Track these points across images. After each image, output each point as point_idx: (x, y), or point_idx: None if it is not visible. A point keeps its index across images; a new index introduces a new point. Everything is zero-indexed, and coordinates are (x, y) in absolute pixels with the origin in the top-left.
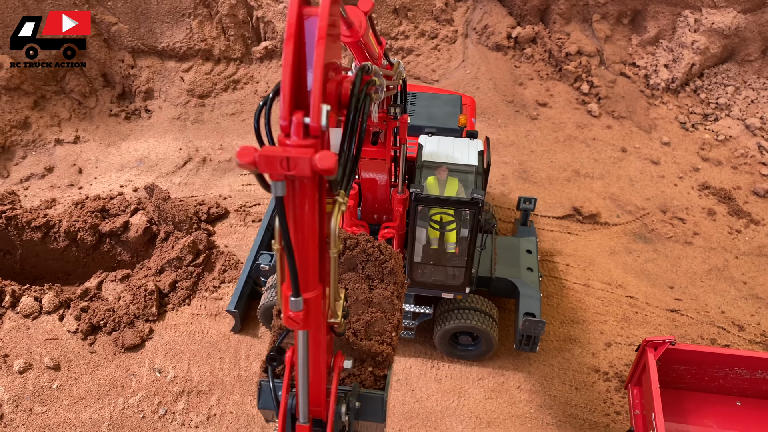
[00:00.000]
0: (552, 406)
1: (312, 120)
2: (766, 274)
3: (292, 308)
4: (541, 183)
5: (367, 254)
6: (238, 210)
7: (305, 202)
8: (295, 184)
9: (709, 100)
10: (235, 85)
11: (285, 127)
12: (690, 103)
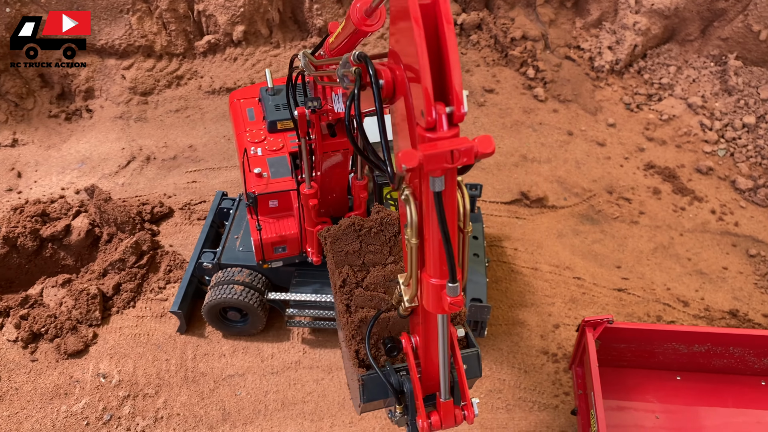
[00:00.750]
0: (501, 390)
1: (457, 107)
2: (709, 249)
3: (451, 294)
4: (489, 169)
5: None
6: (182, 208)
7: (454, 190)
8: (447, 175)
9: (653, 80)
10: (178, 81)
11: (432, 121)
12: (634, 84)
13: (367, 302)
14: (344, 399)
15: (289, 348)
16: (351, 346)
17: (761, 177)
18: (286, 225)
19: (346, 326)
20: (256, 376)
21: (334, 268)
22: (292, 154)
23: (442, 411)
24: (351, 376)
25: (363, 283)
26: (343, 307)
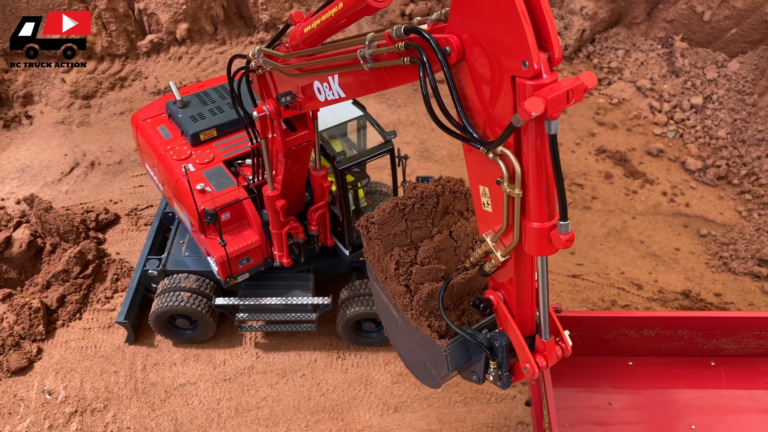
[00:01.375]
0: (459, 383)
1: (554, 51)
2: (661, 231)
3: (564, 231)
4: (442, 160)
5: (456, 194)
6: (129, 214)
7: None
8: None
9: (602, 64)
10: (122, 83)
11: (538, 69)
12: (584, 68)
13: (426, 277)
14: (299, 402)
15: (241, 353)
16: (421, 323)
17: (710, 157)
18: (246, 235)
19: (410, 306)
20: (208, 383)
21: (382, 253)
22: (227, 162)
23: (546, 349)
24: (424, 353)
25: (417, 259)
26: (403, 289)
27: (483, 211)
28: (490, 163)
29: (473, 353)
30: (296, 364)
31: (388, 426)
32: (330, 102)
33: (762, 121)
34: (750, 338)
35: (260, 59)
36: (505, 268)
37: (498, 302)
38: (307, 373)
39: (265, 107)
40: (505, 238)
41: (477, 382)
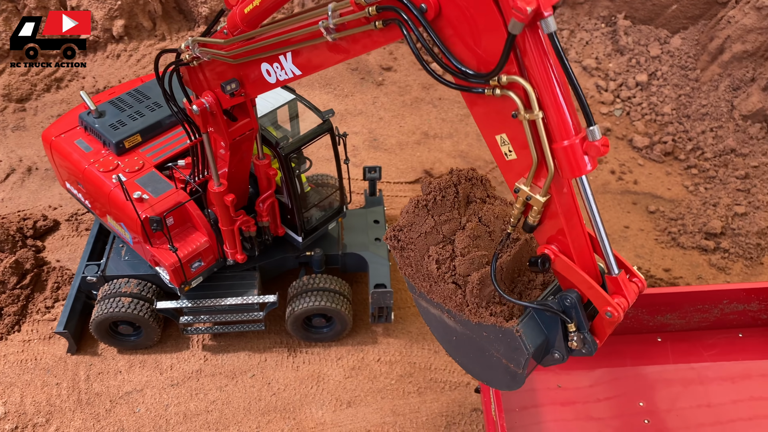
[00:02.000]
0: (412, 373)
1: None
2: (611, 209)
3: (596, 136)
4: (392, 149)
5: (472, 181)
6: (69, 220)
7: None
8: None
9: None
10: (58, 84)
11: None
12: None
13: (471, 267)
14: (249, 404)
15: (189, 357)
16: (482, 314)
17: (656, 134)
18: (193, 238)
19: (465, 303)
20: (155, 390)
21: (419, 258)
22: (159, 166)
23: (621, 286)
24: (496, 347)
25: (455, 252)
26: (451, 287)
27: (507, 161)
28: (499, 103)
29: (547, 329)
30: (246, 364)
31: (342, 421)
32: (282, 82)
33: (705, 96)
34: (694, 312)
35: (196, 50)
36: (549, 214)
37: (555, 252)
38: (258, 373)
39: (203, 100)
40: (538, 177)
41: (560, 360)
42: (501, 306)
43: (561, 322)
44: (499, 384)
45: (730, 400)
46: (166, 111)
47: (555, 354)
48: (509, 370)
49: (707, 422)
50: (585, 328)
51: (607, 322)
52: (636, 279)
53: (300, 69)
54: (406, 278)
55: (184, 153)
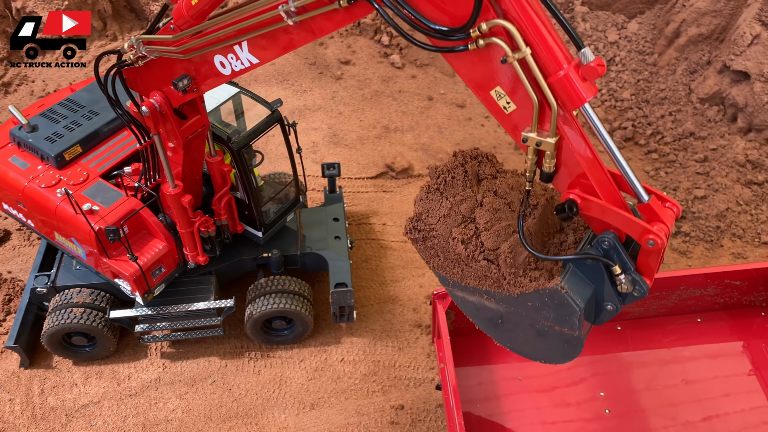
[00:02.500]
0: (377, 372)
1: None
2: None
3: (589, 57)
4: (352, 144)
5: (478, 159)
6: (21, 229)
7: None
8: None
9: None
10: (6, 89)
11: None
12: None
13: (498, 239)
14: (210, 411)
15: (147, 365)
16: (522, 283)
17: (616, 119)
18: (151, 245)
19: (502, 276)
20: (113, 401)
21: (444, 243)
22: (104, 175)
23: (655, 212)
24: (545, 314)
25: (480, 229)
26: (484, 264)
27: (508, 115)
28: (485, 54)
29: (592, 281)
30: (206, 371)
31: (305, 425)
32: (238, 73)
33: (663, 80)
34: (652, 299)
35: (142, 49)
36: (563, 156)
37: (580, 195)
38: (218, 379)
39: (152, 100)
40: (543, 120)
41: (615, 311)
42: (539, 271)
43: (605, 268)
44: (558, 356)
45: (689, 384)
46: (104, 119)
47: (608, 306)
48: (564, 337)
49: (667, 406)
50: (631, 267)
51: (652, 252)
52: (669, 204)
53: (257, 57)
54: (436, 271)
55: (129, 159)
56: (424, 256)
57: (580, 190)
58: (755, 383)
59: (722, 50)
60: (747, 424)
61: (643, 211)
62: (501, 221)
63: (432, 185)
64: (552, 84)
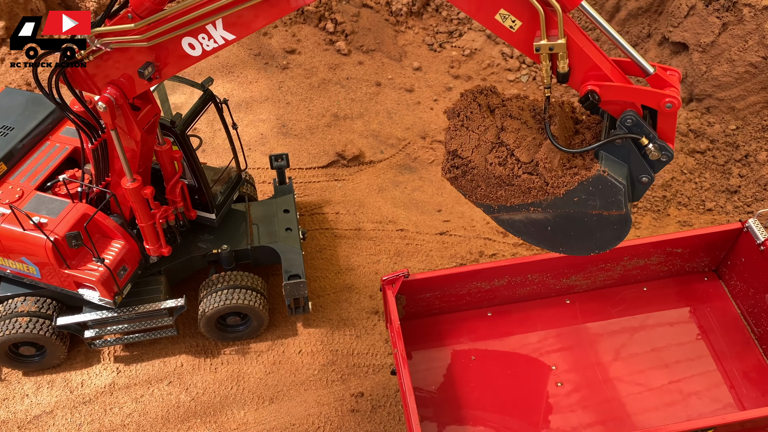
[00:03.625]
0: (335, 361)
1: None
2: None
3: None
4: (302, 134)
5: (484, 93)
6: None
7: None
8: None
9: (451, 16)
10: None
11: None
12: (434, 23)
13: (530, 150)
14: (168, 412)
15: (100, 370)
16: (565, 181)
17: (563, 96)
18: (111, 245)
19: (544, 182)
20: (66, 410)
21: (483, 170)
22: (41, 187)
23: (666, 78)
24: (591, 202)
25: (511, 148)
26: (526, 177)
27: (516, 33)
28: None
29: (624, 160)
30: (161, 372)
31: (265, 419)
32: (210, 53)
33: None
34: (597, 272)
35: (96, 43)
36: (573, 54)
37: (596, 84)
38: (174, 379)
39: (107, 95)
40: (549, 27)
41: (650, 181)
42: (575, 168)
43: (633, 143)
44: (612, 238)
45: (640, 352)
46: (22, 131)
47: (643, 178)
48: (612, 220)
49: (620, 377)
50: (656, 136)
51: (670, 115)
52: (670, 71)
53: (234, 33)
54: (479, 202)
55: (61, 168)
56: (465, 191)
57: (595, 81)
58: (704, 348)
59: (661, 23)
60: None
61: (653, 82)
62: (526, 137)
63: (456, 123)
64: None
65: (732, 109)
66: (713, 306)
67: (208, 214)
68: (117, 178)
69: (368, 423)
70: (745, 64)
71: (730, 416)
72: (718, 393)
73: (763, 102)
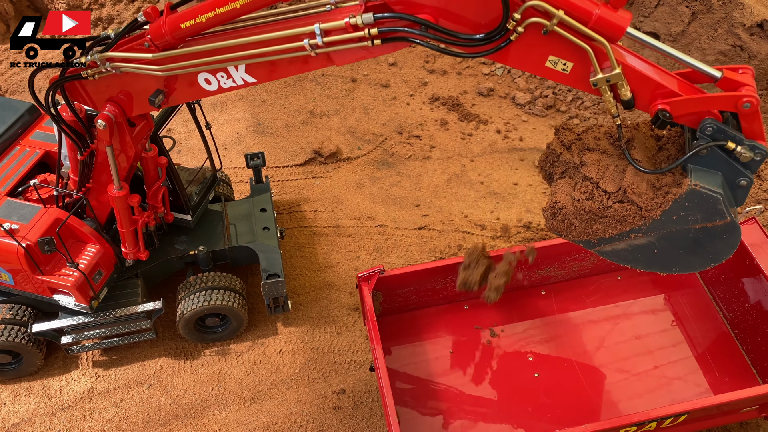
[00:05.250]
0: (316, 359)
1: None
2: (499, 169)
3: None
4: (278, 133)
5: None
6: None
7: None
8: None
9: None
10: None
11: None
12: None
13: (615, 179)
14: (148, 416)
15: (79, 376)
16: (660, 200)
17: (537, 88)
18: (86, 250)
19: (637, 206)
20: (44, 417)
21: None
22: (11, 193)
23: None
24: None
25: (595, 180)
26: (618, 206)
27: (570, 74)
28: (527, 36)
29: (716, 168)
30: (141, 375)
31: (247, 419)
32: (225, 90)
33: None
34: (571, 262)
35: (107, 66)
36: (632, 80)
37: (665, 101)
38: (154, 382)
39: (107, 113)
40: (601, 61)
41: (749, 182)
42: (666, 186)
43: (721, 150)
44: (725, 247)
45: (619, 341)
46: None
47: (741, 182)
48: (719, 228)
49: (599, 365)
50: (742, 137)
51: (751, 114)
52: (742, 70)
53: (256, 77)
54: (577, 240)
55: (31, 173)
56: (560, 232)
57: (662, 99)
58: (679, 335)
59: (632, 12)
60: (675, 375)
61: (724, 86)
62: (609, 166)
63: (546, 180)
64: (593, 28)
65: None
66: (687, 293)
67: (183, 215)
68: (99, 185)
69: (350, 420)
70: (715, 52)
71: (702, 401)
72: (694, 378)
73: None
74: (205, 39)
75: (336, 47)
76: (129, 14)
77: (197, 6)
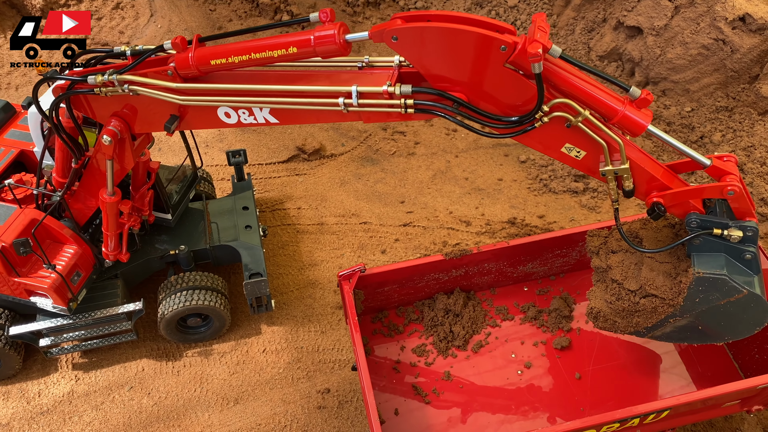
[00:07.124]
0: (300, 358)
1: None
2: (484, 165)
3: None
4: (260, 129)
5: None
6: None
7: None
8: None
9: (408, 6)
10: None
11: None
12: (391, 13)
13: (637, 277)
14: (130, 418)
15: (58, 379)
16: (682, 288)
17: None
18: (64, 251)
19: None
20: (23, 421)
21: (609, 310)
22: None
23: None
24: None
25: (620, 282)
26: (644, 301)
27: (582, 161)
28: (550, 126)
29: (716, 250)
30: (122, 377)
31: (230, 420)
32: (243, 125)
33: (563, 41)
34: (553, 258)
35: (124, 89)
36: (636, 173)
37: (658, 195)
38: (136, 384)
39: (113, 128)
40: (612, 153)
41: (753, 255)
42: (679, 275)
43: (711, 236)
44: (760, 312)
45: (601, 336)
46: None
47: (745, 256)
48: (742, 302)
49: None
50: (726, 222)
51: (737, 199)
52: (727, 158)
53: (278, 119)
54: (626, 332)
55: (6, 173)
56: (610, 329)
57: (656, 192)
58: None
59: (615, 7)
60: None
61: (712, 173)
62: (630, 266)
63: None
64: (617, 123)
65: (687, 92)
66: None
67: (164, 214)
68: (86, 189)
69: (335, 419)
70: (698, 46)
71: (684, 397)
72: (678, 371)
73: (716, 83)
74: (233, 77)
75: (368, 108)
76: (107, 11)
77: (231, 46)
